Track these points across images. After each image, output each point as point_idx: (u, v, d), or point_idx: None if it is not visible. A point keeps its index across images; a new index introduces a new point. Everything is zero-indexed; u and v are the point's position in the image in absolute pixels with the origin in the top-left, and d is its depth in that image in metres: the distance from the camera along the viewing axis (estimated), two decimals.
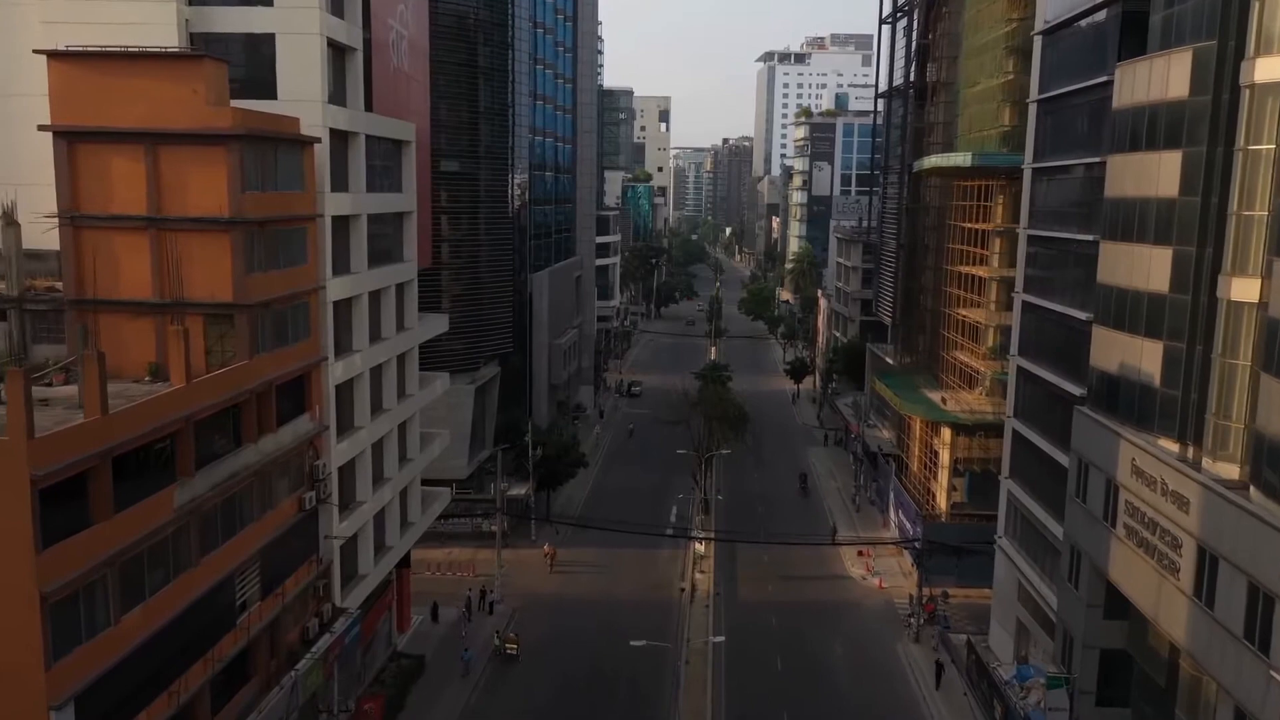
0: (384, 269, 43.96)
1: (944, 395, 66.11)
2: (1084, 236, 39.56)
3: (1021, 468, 47.81)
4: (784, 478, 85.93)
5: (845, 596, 61.93)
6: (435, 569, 62.93)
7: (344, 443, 39.58)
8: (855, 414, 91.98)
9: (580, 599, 60.02)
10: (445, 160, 71.08)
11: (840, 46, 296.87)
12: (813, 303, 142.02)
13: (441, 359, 70.79)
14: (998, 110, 64.02)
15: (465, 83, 71.54)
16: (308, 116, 35.62)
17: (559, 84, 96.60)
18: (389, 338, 44.67)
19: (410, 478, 48.62)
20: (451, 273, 71.27)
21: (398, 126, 44.86)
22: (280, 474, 33.75)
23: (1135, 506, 32.29)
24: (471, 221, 72.98)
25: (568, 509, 76.06)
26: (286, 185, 33.84)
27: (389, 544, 46.24)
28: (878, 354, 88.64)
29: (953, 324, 68.57)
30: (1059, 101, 43.70)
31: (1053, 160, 44.30)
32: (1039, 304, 44.95)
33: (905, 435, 74.81)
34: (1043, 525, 43.83)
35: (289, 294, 33.82)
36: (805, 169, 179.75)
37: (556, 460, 71.54)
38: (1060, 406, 41.58)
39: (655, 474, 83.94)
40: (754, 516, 75.26)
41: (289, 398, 34.55)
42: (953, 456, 63.31)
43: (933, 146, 75.50)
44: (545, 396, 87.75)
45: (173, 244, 30.40)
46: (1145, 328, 33.03)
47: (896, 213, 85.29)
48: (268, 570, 32.80)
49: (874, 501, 78.54)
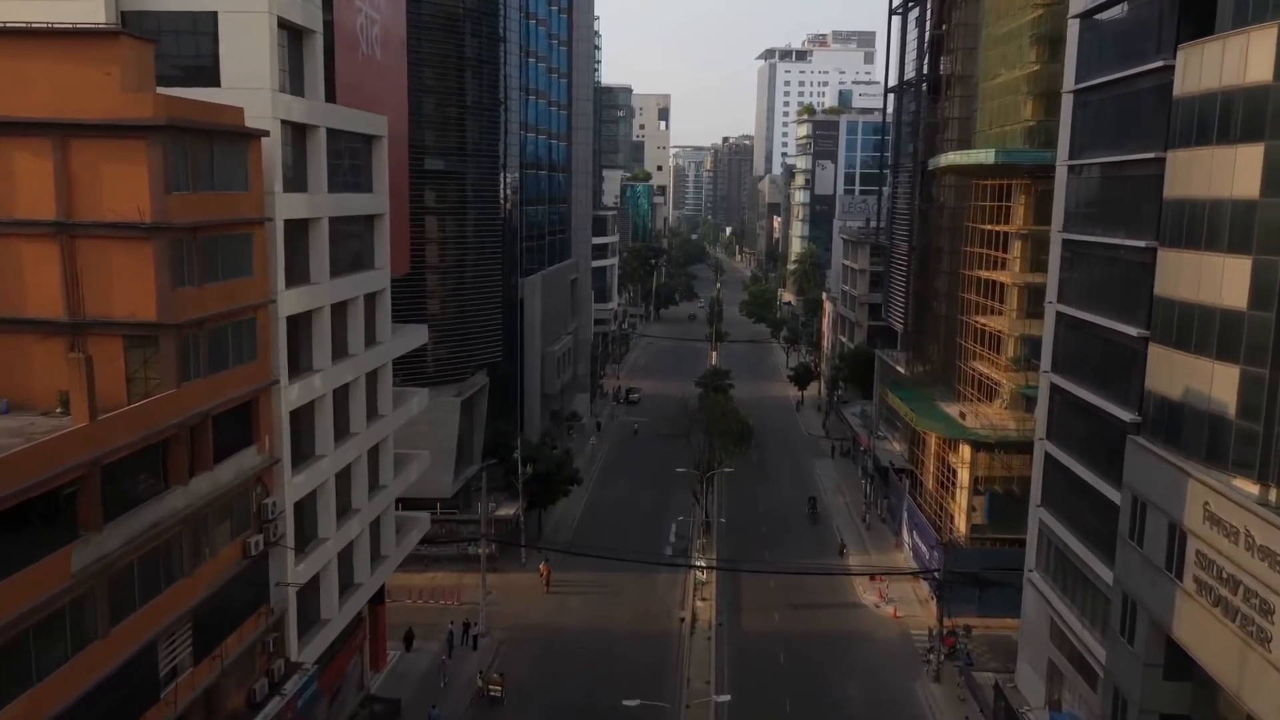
0: (350, 278, 39.51)
1: (962, 409, 61.65)
2: (1133, 242, 35.13)
3: (1056, 495, 43.37)
4: (790, 494, 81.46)
5: (857, 627, 57.49)
6: (417, 596, 58.57)
7: (301, 475, 35.15)
8: (864, 425, 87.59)
9: (572, 630, 55.62)
10: (430, 158, 66.90)
11: (842, 44, 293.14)
12: (816, 305, 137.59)
13: (425, 370, 66.63)
14: (1021, 104, 59.65)
15: (451, 76, 67.24)
16: (255, 106, 31.20)
17: (553, 78, 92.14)
18: (356, 354, 40.23)
19: (383, 507, 44.17)
20: (437, 278, 66.92)
21: (366, 120, 40.42)
22: (219, 517, 29.32)
23: (1209, 559, 27.84)
24: (458, 223, 68.67)
25: (561, 528, 71.73)
26: (226, 185, 29.43)
27: (357, 581, 41.78)
28: (888, 362, 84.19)
29: (970, 332, 64.11)
30: (1100, 91, 39.24)
31: (1092, 157, 39.84)
32: (1076, 316, 40.51)
33: (919, 450, 70.37)
34: (1082, 561, 39.41)
35: (229, 310, 29.39)
36: (808, 168, 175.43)
37: (548, 478, 67.09)
38: (1104, 432, 37.15)
39: (654, 489, 79.52)
40: (758, 538, 70.85)
41: (231, 428, 30.13)
42: (973, 475, 58.88)
43: (947, 143, 71.08)
44: (538, 407, 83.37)
45: (85, 254, 25.97)
46: (1217, 349, 28.59)
47: (908, 213, 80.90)
48: (203, 630, 28.38)
49: (885, 520, 74.10)
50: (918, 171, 77.32)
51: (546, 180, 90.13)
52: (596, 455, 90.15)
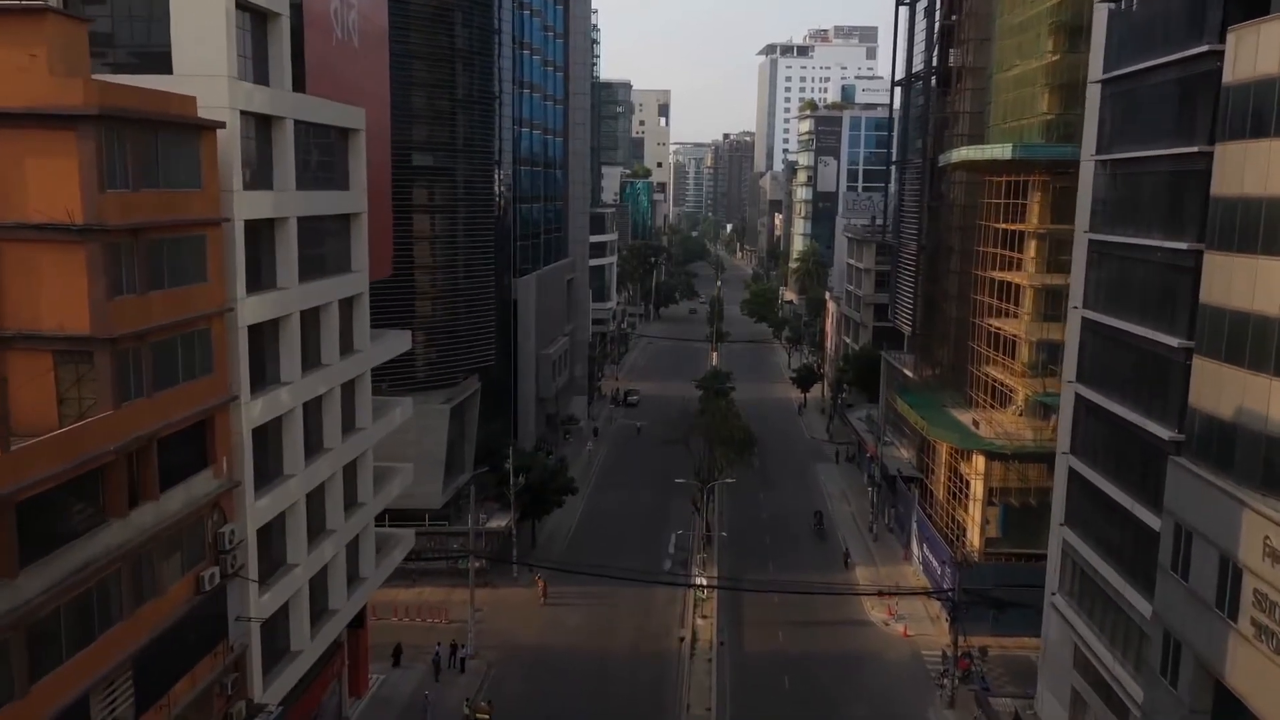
0: (324, 282, 36.60)
1: (975, 417, 58.76)
2: (1172, 244, 32.26)
3: (1081, 514, 40.50)
4: (793, 502, 78.59)
5: (865, 646, 54.62)
6: (403, 614, 55.79)
7: (266, 498, 32.27)
8: (869, 429, 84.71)
9: (566, 650, 52.81)
10: (419, 154, 64.11)
11: (844, 39, 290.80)
12: (819, 304, 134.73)
13: (414, 376, 63.84)
14: (1037, 96, 56.72)
15: (442, 68, 64.41)
16: (210, 95, 28.31)
17: (548, 71, 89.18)
18: (331, 364, 37.34)
19: (361, 526, 41.27)
20: (426, 279, 64.06)
21: (340, 112, 37.50)
22: (166, 551, 26.44)
23: (1272, 601, 24.95)
24: (449, 221, 65.80)
25: (555, 539, 68.89)
26: (175, 182, 26.54)
27: (332, 608, 38.93)
28: (894, 365, 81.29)
29: (982, 335, 61.24)
30: (1132, 81, 36.32)
31: (1124, 151, 36.91)
32: (1105, 322, 37.62)
33: (928, 457, 67.49)
34: (1111, 588, 36.57)
35: (178, 320, 26.50)
36: (810, 164, 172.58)
37: (542, 488, 64.19)
38: (1138, 449, 34.30)
39: (652, 496, 76.65)
40: (761, 549, 67.99)
41: (182, 451, 27.27)
42: (987, 487, 56.01)
43: (958, 138, 68.14)
44: (532, 411, 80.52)
45: (8, 259, 23.09)
46: (1276, 363, 25.70)
47: (916, 211, 78.00)
48: (147, 677, 25.50)
49: (893, 530, 71.24)
50: (927, 168, 74.43)
51: (542, 177, 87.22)
52: (594, 461, 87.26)
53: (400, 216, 61.34)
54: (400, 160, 62.21)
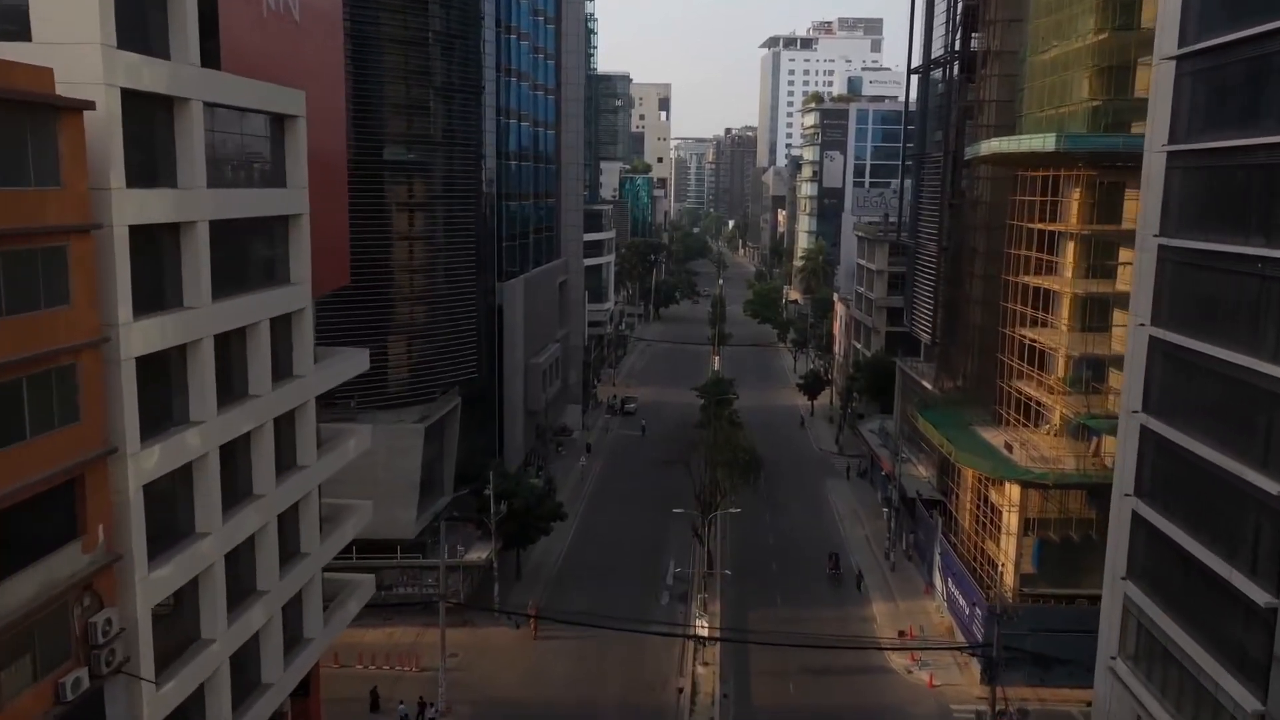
0: (249, 298, 30.54)
1: (1007, 439, 52.66)
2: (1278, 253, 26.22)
3: (1149, 569, 34.42)
4: (802, 523, 72.56)
5: (887, 699, 48.62)
6: (369, 660, 49.93)
7: (167, 566, 26.21)
8: (883, 443, 78.66)
9: (550, 704, 46.94)
10: (391, 147, 58.28)
11: (849, 31, 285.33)
12: (826, 305, 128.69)
13: (386, 392, 57.94)
14: (1078, 81, 50.64)
15: (417, 53, 58.49)
16: (76, 68, 22.28)
17: (538, 59, 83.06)
18: (261, 395, 31.29)
19: (303, 580, 35.18)
20: (398, 286, 58.12)
21: (271, 94, 31.40)
22: (10, 653, 20.43)
23: None
24: (426, 221, 60.00)
25: (543, 568, 62.91)
26: (17, 178, 20.51)
27: (266, 681, 32.89)
28: (911, 375, 75.23)
29: (1012, 346, 55.15)
30: (1222, 55, 30.19)
31: (1208, 139, 30.79)
32: (1185, 345, 31.52)
33: (951, 480, 61.48)
34: (1191, 662, 30.55)
35: (25, 358, 20.47)
36: (815, 159, 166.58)
37: (527, 514, 58.12)
38: (1234, 502, 28.26)
39: (649, 517, 70.64)
40: (768, 579, 61.99)
41: (37, 522, 21.28)
42: (1022, 519, 50.00)
43: (983, 130, 62.04)
44: (520, 425, 74.49)
45: None
46: None
47: (935, 209, 71.89)
48: None
49: (912, 557, 65.19)
50: (947, 162, 68.31)
51: (532, 172, 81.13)
52: (586, 477, 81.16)
53: (368, 216, 55.46)
54: (369, 154, 56.45)
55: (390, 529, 55.66)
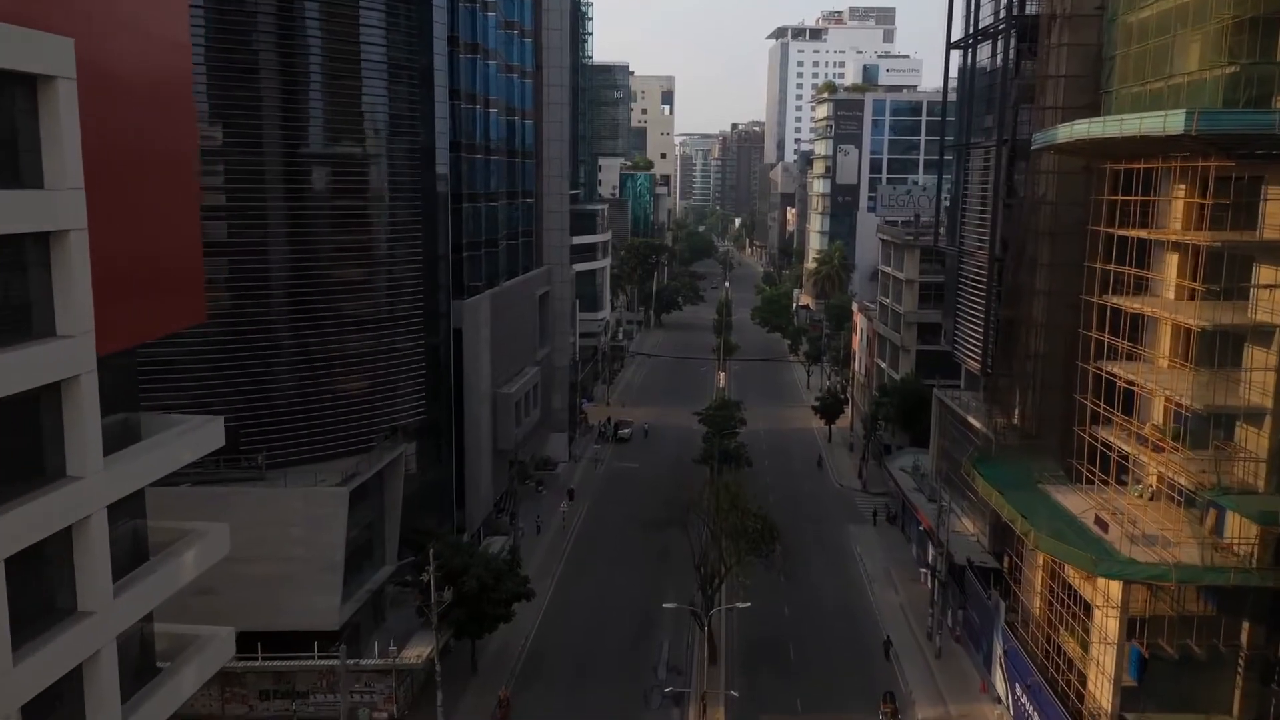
0: None
1: (1096, 508, 40.46)
2: None
3: None
4: (822, 586, 60.43)
5: None
6: None
7: None
8: (917, 485, 66.54)
9: None
10: (304, 136, 46.90)
11: (859, 20, 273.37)
12: (841, 312, 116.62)
13: (303, 447, 46.42)
14: (1195, 45, 38.43)
15: (337, 20, 46.93)
16: None
17: (511, 36, 71.04)
18: None
19: None
20: (317, 309, 46.44)
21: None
22: None
23: None
24: (354, 230, 48.35)
25: (506, 655, 50.90)
26: None
27: None
28: (952, 407, 63.01)
29: (1091, 383, 42.74)
30: None
31: None
32: None
33: (1012, 544, 49.37)
34: None
35: None
36: (828, 153, 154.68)
37: (480, 597, 46.08)
38: None
39: (638, 581, 58.73)
40: (783, 667, 50.03)
41: None
42: (1124, 621, 37.89)
43: (1048, 112, 49.91)
44: (488, 468, 62.66)
45: None
46: None
47: (984, 210, 59.72)
48: None
49: (960, 638, 53.10)
50: (1000, 153, 56.13)
51: (504, 168, 69.17)
52: (569, 528, 68.92)
53: (274, 225, 43.79)
54: (273, 144, 44.72)
55: (308, 618, 44.16)
